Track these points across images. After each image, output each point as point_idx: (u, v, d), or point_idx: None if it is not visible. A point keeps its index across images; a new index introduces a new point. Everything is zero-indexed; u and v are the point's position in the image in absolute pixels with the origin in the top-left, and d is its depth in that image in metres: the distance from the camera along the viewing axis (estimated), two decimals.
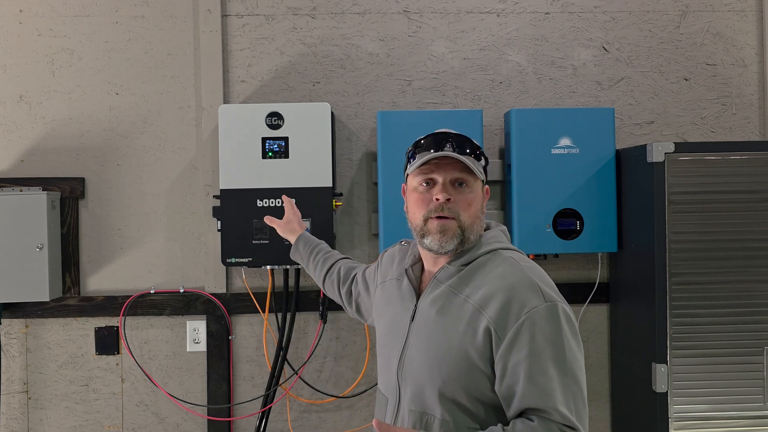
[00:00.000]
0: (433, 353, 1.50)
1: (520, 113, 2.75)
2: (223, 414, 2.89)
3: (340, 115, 2.93)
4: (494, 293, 1.47)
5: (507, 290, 1.46)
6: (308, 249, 2.17)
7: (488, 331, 1.44)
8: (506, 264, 1.52)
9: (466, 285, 1.52)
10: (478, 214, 1.56)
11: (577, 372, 1.44)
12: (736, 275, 2.45)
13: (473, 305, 1.48)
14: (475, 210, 1.55)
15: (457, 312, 1.49)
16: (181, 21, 2.90)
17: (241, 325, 2.92)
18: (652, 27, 3.01)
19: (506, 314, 1.43)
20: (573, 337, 1.45)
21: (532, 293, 1.45)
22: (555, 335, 1.42)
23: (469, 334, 1.46)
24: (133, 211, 2.90)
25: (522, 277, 1.48)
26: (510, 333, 1.42)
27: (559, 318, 1.44)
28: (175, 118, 2.91)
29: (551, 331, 1.42)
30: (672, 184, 2.44)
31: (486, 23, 2.97)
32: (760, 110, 3.04)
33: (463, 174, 1.54)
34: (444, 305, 1.52)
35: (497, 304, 1.45)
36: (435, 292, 1.55)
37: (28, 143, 2.88)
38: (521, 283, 1.47)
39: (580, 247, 2.74)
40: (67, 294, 2.86)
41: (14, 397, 2.88)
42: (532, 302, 1.44)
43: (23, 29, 2.88)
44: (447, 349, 1.48)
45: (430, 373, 1.49)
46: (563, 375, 1.41)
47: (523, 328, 1.41)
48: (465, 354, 1.46)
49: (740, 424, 2.45)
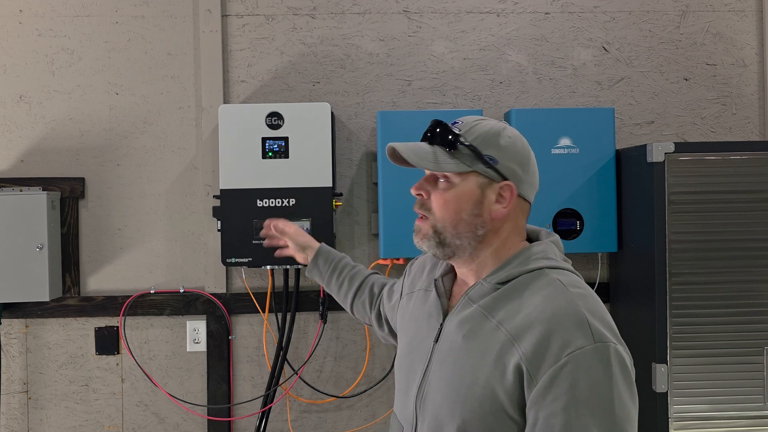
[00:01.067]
0: (456, 386, 1.27)
1: (520, 113, 2.75)
2: (223, 414, 2.89)
3: (340, 115, 2.93)
4: (532, 323, 1.21)
5: (547, 322, 1.20)
6: (329, 266, 1.83)
7: (519, 370, 1.19)
8: (551, 288, 1.26)
9: (501, 308, 1.27)
10: (462, 215, 1.31)
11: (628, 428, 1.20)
12: (736, 275, 2.45)
13: (506, 334, 1.23)
14: (455, 208, 1.31)
15: (487, 340, 1.25)
16: (181, 21, 2.90)
17: (241, 325, 2.92)
18: (652, 27, 3.01)
19: (543, 352, 1.18)
20: (626, 388, 1.20)
21: (578, 329, 1.18)
22: (603, 384, 1.16)
23: (499, 369, 1.22)
24: (133, 211, 2.90)
25: (568, 306, 1.21)
26: (546, 376, 1.16)
27: (610, 362, 1.17)
28: (175, 118, 2.91)
29: (598, 379, 1.16)
30: (672, 184, 2.44)
31: (486, 23, 2.97)
32: (760, 110, 3.04)
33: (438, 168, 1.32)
34: (472, 329, 1.28)
35: (534, 337, 1.19)
36: (464, 313, 1.31)
37: (28, 143, 2.88)
38: (566, 315, 1.20)
39: (580, 247, 2.75)
40: (67, 294, 2.87)
41: (14, 397, 2.88)
42: (577, 341, 1.17)
43: (23, 29, 2.88)
44: (471, 383, 1.24)
45: (451, 409, 1.26)
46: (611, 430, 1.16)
47: (563, 372, 1.15)
48: (492, 392, 1.22)
49: (740, 424, 2.45)
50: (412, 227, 2.82)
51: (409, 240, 2.67)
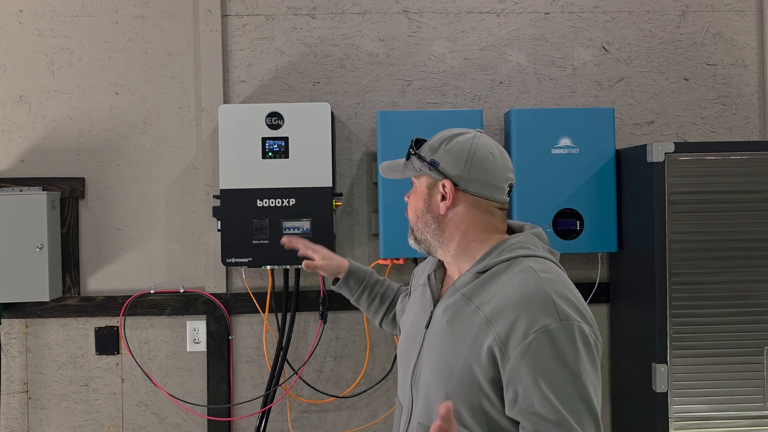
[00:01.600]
0: (441, 365, 1.42)
1: (520, 113, 2.75)
2: (223, 414, 2.89)
3: (340, 115, 2.93)
4: (504, 307, 1.35)
5: (517, 305, 1.33)
6: (360, 285, 1.88)
7: (492, 351, 1.34)
8: (523, 274, 1.39)
9: (480, 294, 1.41)
10: (418, 212, 1.51)
11: (593, 401, 1.31)
12: (736, 275, 2.45)
13: (482, 317, 1.38)
14: (413, 207, 1.53)
15: (467, 323, 1.40)
16: (181, 21, 2.90)
17: (241, 325, 2.92)
18: (652, 27, 3.01)
19: (513, 332, 1.32)
20: (590, 361, 1.32)
21: (544, 309, 1.32)
22: (569, 357, 1.29)
23: (475, 349, 1.37)
24: (133, 211, 2.90)
25: (536, 290, 1.35)
26: (516, 353, 1.30)
27: (575, 338, 1.31)
28: (175, 118, 2.91)
29: (564, 353, 1.29)
30: (672, 184, 2.44)
31: (486, 23, 2.97)
32: (760, 110, 3.04)
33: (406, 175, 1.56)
34: (455, 314, 1.43)
35: (506, 320, 1.33)
36: (449, 300, 1.46)
37: (28, 143, 2.88)
38: (534, 298, 1.33)
39: (580, 247, 2.74)
40: (67, 294, 2.86)
41: (14, 397, 2.88)
42: (543, 320, 1.31)
43: (23, 29, 2.88)
44: (454, 361, 1.40)
45: (437, 386, 1.42)
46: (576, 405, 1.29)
47: (531, 348, 1.29)
48: (469, 370, 1.37)
49: (740, 424, 2.45)
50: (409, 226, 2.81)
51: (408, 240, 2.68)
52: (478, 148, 1.47)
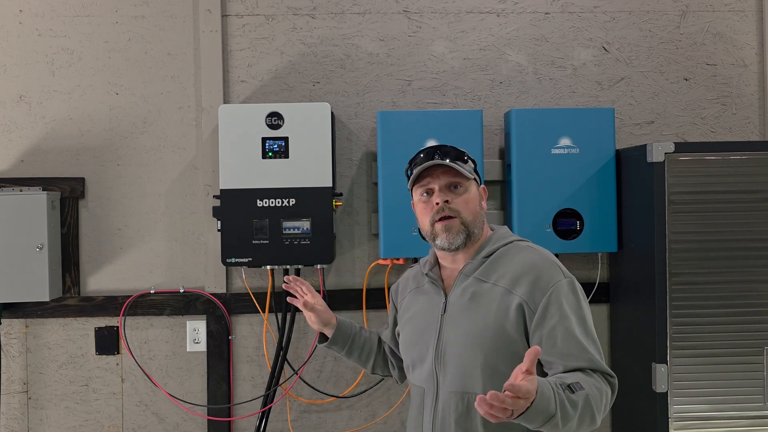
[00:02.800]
0: (471, 333, 1.67)
1: (520, 113, 2.75)
2: (223, 414, 2.89)
3: (340, 115, 2.93)
4: (521, 274, 1.67)
5: (533, 269, 1.67)
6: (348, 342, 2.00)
7: (521, 307, 1.65)
8: (526, 251, 1.74)
9: (493, 272, 1.71)
10: (478, 209, 1.76)
11: (595, 333, 1.68)
12: (736, 275, 2.45)
13: (503, 288, 1.68)
14: (474, 206, 1.75)
15: (488, 296, 1.69)
16: (181, 21, 2.90)
17: (241, 325, 2.92)
18: (652, 27, 3.01)
19: (535, 289, 1.65)
20: (587, 305, 1.71)
21: (555, 270, 1.68)
22: (576, 303, 1.66)
23: (502, 311, 1.66)
24: (133, 211, 2.90)
25: (543, 258, 1.72)
26: (541, 304, 1.64)
27: (576, 289, 1.69)
28: (175, 118, 2.91)
29: (573, 300, 1.66)
30: (672, 184, 2.44)
31: (486, 23, 2.97)
32: (760, 110, 3.04)
33: (455, 178, 1.74)
34: (475, 292, 1.71)
35: (526, 282, 1.66)
36: (464, 284, 1.73)
37: (28, 143, 2.88)
38: (545, 263, 1.69)
39: (580, 247, 2.74)
40: (67, 294, 2.87)
41: (14, 397, 2.88)
42: (555, 277, 1.67)
43: (23, 29, 2.88)
44: (484, 326, 1.66)
45: (472, 351, 1.66)
46: (590, 337, 1.65)
47: (552, 299, 1.64)
48: (501, 328, 1.65)
49: (740, 424, 2.45)
50: (411, 227, 2.83)
51: (408, 240, 2.68)
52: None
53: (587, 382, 1.55)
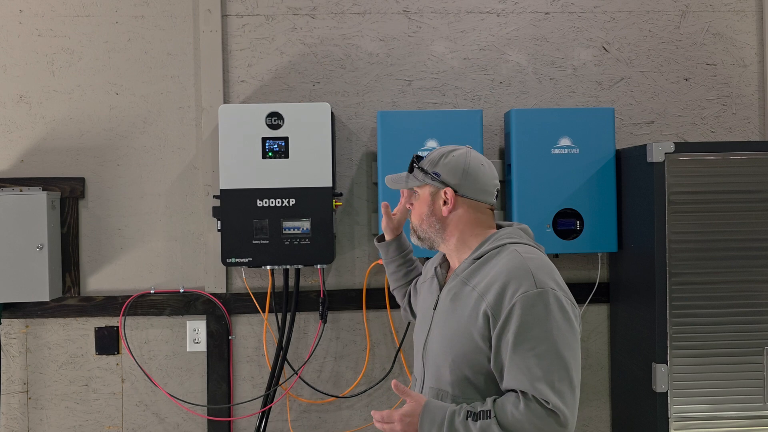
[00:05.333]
0: (447, 335, 1.70)
1: (520, 113, 2.75)
2: (223, 414, 2.89)
3: (340, 115, 2.93)
4: (493, 281, 1.64)
5: (504, 277, 1.62)
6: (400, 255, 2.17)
7: (486, 315, 1.62)
8: (510, 256, 1.67)
9: (475, 276, 1.70)
10: (423, 216, 1.79)
11: (565, 354, 1.55)
12: (736, 275, 2.45)
13: (477, 293, 1.66)
14: (418, 212, 1.80)
15: (466, 300, 1.68)
16: (181, 21, 2.90)
17: (241, 325, 2.92)
18: (652, 27, 3.01)
19: (501, 299, 1.60)
20: (564, 321, 1.58)
21: (525, 279, 1.60)
22: (543, 318, 1.56)
23: (473, 317, 1.64)
24: (133, 211, 2.90)
25: (519, 265, 1.63)
26: (503, 315, 1.59)
27: (549, 303, 1.58)
28: (175, 118, 2.91)
29: (540, 314, 1.56)
30: (672, 184, 2.44)
31: (486, 23, 2.97)
32: (760, 110, 3.04)
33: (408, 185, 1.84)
34: (456, 294, 1.72)
35: (495, 290, 1.62)
36: (451, 284, 1.75)
37: (28, 143, 2.88)
38: (517, 271, 1.62)
39: (580, 247, 2.74)
40: (67, 294, 2.86)
41: (14, 397, 2.88)
42: (523, 287, 1.59)
43: (23, 29, 2.88)
44: (455, 330, 1.67)
45: (444, 353, 1.69)
46: (549, 356, 1.54)
47: (514, 310, 1.57)
48: (469, 335, 1.64)
49: (740, 424, 2.45)
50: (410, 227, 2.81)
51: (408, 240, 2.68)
52: (471, 161, 1.77)
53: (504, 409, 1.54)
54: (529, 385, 1.52)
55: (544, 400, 1.51)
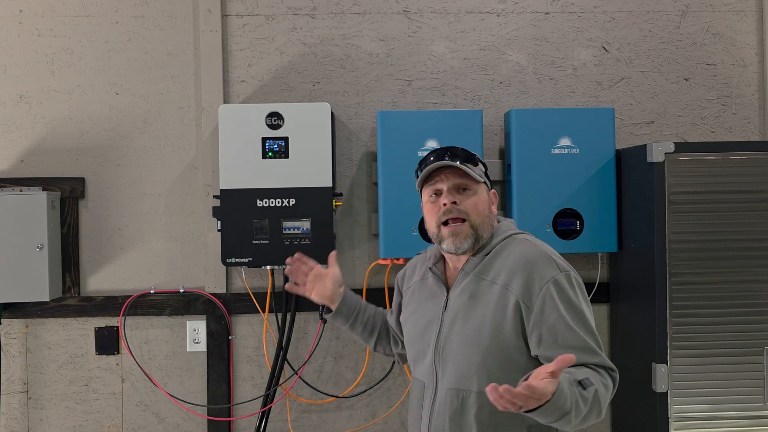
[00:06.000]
0: (470, 332, 1.68)
1: (520, 113, 2.75)
2: (223, 414, 2.89)
3: (340, 115, 2.93)
4: (516, 270, 1.66)
5: (527, 265, 1.66)
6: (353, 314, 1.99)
7: (517, 305, 1.64)
8: (522, 244, 1.72)
9: (490, 269, 1.71)
10: (487, 214, 1.74)
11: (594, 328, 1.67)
12: (736, 275, 2.45)
13: (500, 285, 1.67)
14: (483, 210, 1.73)
15: (486, 294, 1.69)
16: (181, 21, 2.90)
17: (241, 325, 2.92)
18: (652, 27, 3.01)
19: (531, 286, 1.64)
20: (585, 300, 1.68)
21: (548, 265, 1.66)
22: (574, 299, 1.64)
23: (500, 310, 1.65)
24: (133, 211, 2.90)
25: (537, 252, 1.69)
26: (538, 301, 1.62)
27: (573, 284, 1.66)
28: (175, 118, 2.91)
29: (570, 296, 1.64)
30: (672, 184, 2.44)
31: (486, 23, 2.97)
32: (760, 110, 3.04)
33: (464, 179, 1.72)
34: (474, 291, 1.71)
35: (521, 279, 1.65)
36: (464, 282, 1.73)
37: (28, 143, 2.88)
38: (539, 258, 1.67)
39: (580, 247, 2.74)
40: (67, 294, 2.87)
41: (14, 397, 2.88)
42: (550, 272, 1.64)
43: (23, 29, 2.88)
44: (480, 326, 1.67)
45: (469, 351, 1.67)
46: (590, 331, 1.64)
47: (548, 295, 1.62)
48: (498, 328, 1.65)
49: (740, 424, 2.45)
50: (411, 227, 2.82)
51: (408, 240, 2.68)
52: None
53: (594, 377, 1.57)
54: (592, 357, 1.61)
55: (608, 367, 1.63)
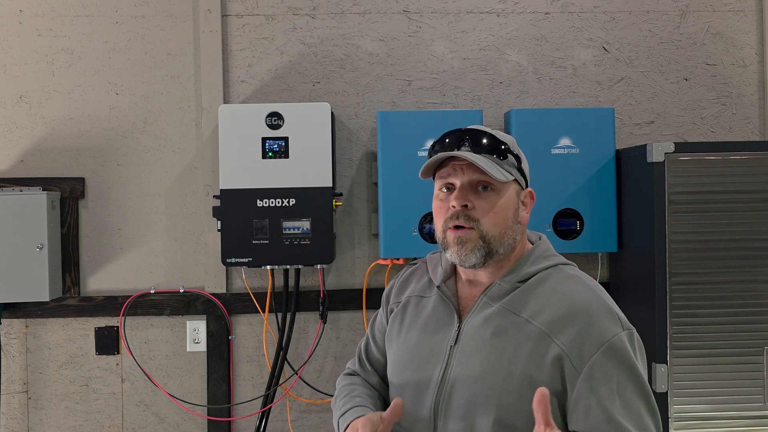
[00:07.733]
0: (490, 380, 1.31)
1: (520, 113, 2.75)
2: (223, 414, 2.89)
3: (340, 115, 2.93)
4: (565, 316, 1.30)
5: (582, 315, 1.29)
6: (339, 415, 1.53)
7: (559, 360, 1.28)
8: (572, 282, 1.36)
9: (526, 305, 1.34)
10: (508, 222, 1.37)
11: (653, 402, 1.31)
12: (736, 275, 2.45)
13: (539, 328, 1.30)
14: (503, 217, 1.36)
15: (518, 334, 1.31)
16: (181, 21, 2.90)
17: (241, 325, 2.92)
18: (652, 27, 3.01)
19: (583, 342, 1.27)
20: (643, 367, 1.32)
21: (609, 319, 1.30)
22: (635, 366, 1.29)
23: (535, 360, 1.29)
24: (133, 211, 2.90)
25: (594, 299, 1.32)
26: (588, 364, 1.27)
27: (635, 346, 1.31)
28: (175, 118, 2.91)
29: (631, 363, 1.28)
30: (672, 184, 2.44)
31: (486, 23, 2.97)
32: (760, 110, 3.04)
33: (485, 176, 1.34)
34: (501, 326, 1.33)
35: (572, 330, 1.28)
36: (486, 312, 1.36)
37: (28, 143, 2.88)
38: (596, 307, 1.31)
39: (580, 247, 2.74)
40: (67, 294, 2.86)
41: (14, 397, 2.88)
42: (611, 329, 1.29)
43: (23, 29, 2.88)
44: (507, 374, 1.30)
45: (485, 403, 1.30)
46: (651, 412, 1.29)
47: (605, 360, 1.26)
48: (530, 382, 1.28)
49: (740, 424, 2.45)
50: (411, 227, 2.82)
51: (408, 240, 2.68)
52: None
53: None
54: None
55: None
